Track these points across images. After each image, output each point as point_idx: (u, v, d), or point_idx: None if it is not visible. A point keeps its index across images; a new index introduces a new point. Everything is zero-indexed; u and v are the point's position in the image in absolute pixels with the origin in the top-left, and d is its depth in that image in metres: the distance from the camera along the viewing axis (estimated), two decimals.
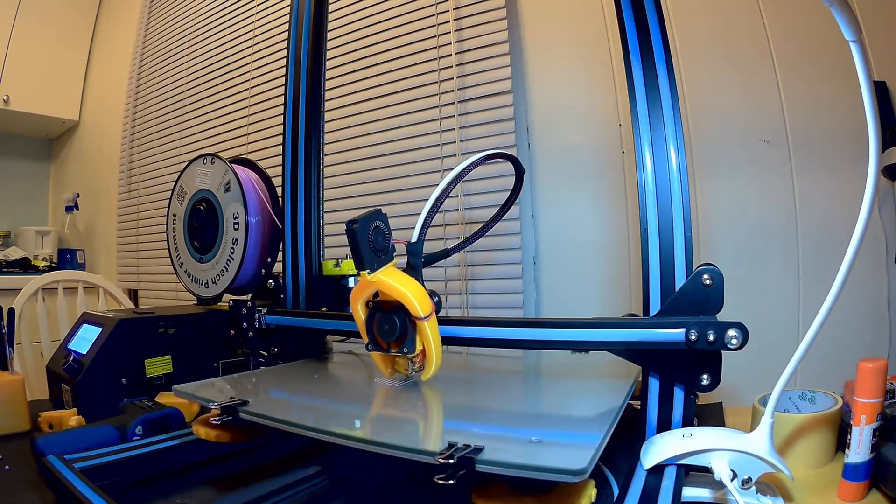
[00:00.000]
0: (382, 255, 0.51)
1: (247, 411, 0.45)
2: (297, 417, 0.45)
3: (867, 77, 0.35)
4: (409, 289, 0.50)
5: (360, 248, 0.49)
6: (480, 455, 0.33)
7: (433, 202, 0.55)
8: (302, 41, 0.78)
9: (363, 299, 0.54)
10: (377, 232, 0.51)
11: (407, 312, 0.50)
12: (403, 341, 0.52)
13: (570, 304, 1.08)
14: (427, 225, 0.54)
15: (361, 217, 0.50)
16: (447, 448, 0.34)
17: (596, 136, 1.06)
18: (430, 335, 0.51)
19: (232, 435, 0.49)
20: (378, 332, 0.53)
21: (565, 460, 0.32)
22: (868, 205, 0.36)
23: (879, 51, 0.80)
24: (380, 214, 0.52)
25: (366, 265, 0.50)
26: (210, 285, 0.86)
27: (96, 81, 2.28)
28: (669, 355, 0.47)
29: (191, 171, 0.88)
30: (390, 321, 0.51)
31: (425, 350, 0.52)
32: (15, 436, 0.65)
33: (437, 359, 0.52)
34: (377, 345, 0.54)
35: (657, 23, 0.51)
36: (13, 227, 2.26)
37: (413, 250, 0.54)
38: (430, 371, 0.53)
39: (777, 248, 0.89)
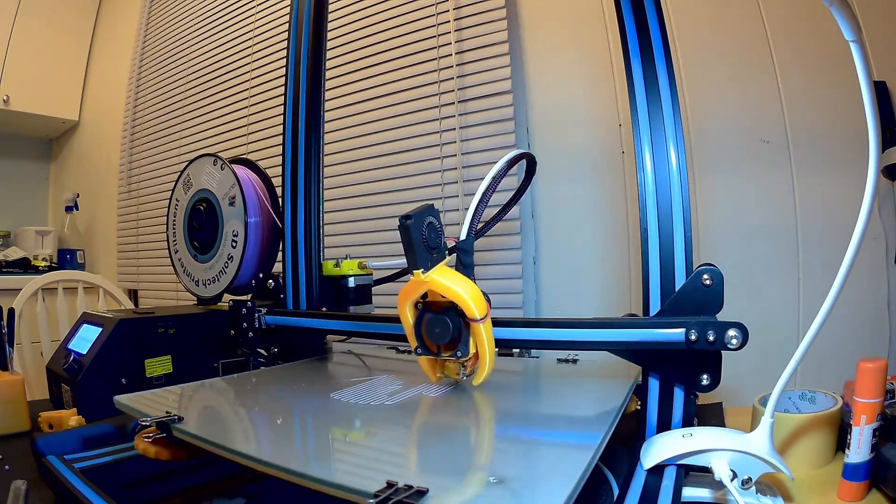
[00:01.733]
0: (435, 253, 0.48)
1: (179, 429, 0.42)
2: (228, 440, 0.40)
3: (867, 77, 0.35)
4: (464, 289, 0.47)
5: (414, 245, 0.46)
6: (421, 500, 0.28)
7: (481, 196, 0.52)
8: (302, 41, 0.78)
9: (412, 300, 0.50)
10: (430, 228, 0.47)
11: (461, 314, 0.48)
12: (457, 345, 0.49)
13: (571, 304, 1.08)
14: (477, 220, 0.52)
15: (415, 212, 0.46)
16: (384, 489, 0.29)
17: (596, 136, 1.06)
18: (485, 338, 0.48)
19: (172, 452, 0.45)
20: (428, 335, 0.50)
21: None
22: (868, 205, 0.36)
23: (879, 51, 0.80)
24: (432, 209, 0.48)
25: (419, 264, 0.46)
26: (210, 285, 0.86)
27: (96, 81, 2.28)
28: (669, 355, 0.47)
29: (199, 165, 0.88)
30: (442, 323, 0.48)
31: (478, 353, 0.49)
32: (15, 436, 0.65)
33: (491, 363, 0.49)
34: (427, 349, 0.50)
35: (657, 23, 0.51)
36: (13, 227, 2.26)
37: (464, 247, 0.51)
38: (482, 375, 0.50)
39: (777, 248, 0.89)
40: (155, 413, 0.44)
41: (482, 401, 0.52)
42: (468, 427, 0.46)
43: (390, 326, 0.63)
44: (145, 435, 0.46)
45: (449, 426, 0.46)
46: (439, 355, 0.50)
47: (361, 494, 0.29)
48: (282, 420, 0.48)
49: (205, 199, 0.86)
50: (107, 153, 2.13)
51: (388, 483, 0.30)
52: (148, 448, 0.45)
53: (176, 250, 0.92)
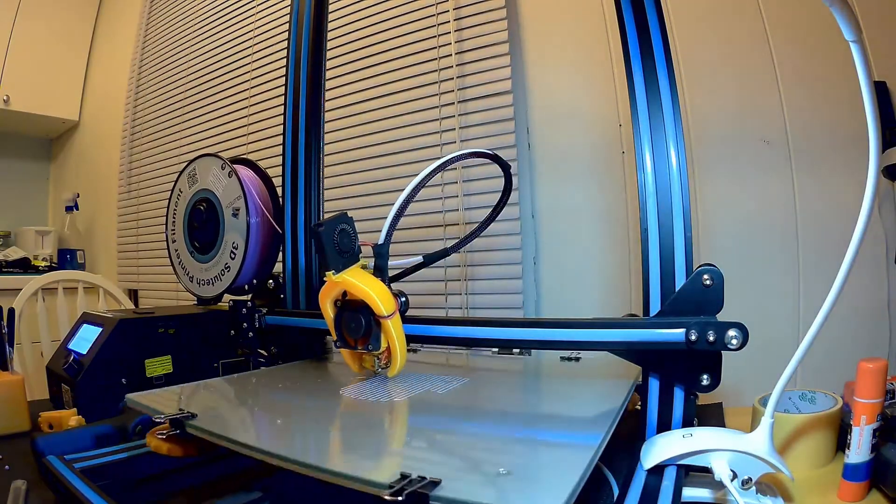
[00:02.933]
0: (348, 256, 0.54)
1: (193, 425, 0.43)
2: (243, 435, 0.41)
3: (867, 77, 0.35)
4: (372, 288, 0.52)
5: (325, 249, 0.53)
6: (435, 490, 0.29)
7: (398, 206, 0.57)
8: (302, 41, 0.78)
9: (331, 299, 0.57)
10: (342, 234, 0.54)
11: (372, 311, 0.53)
12: (369, 339, 0.54)
13: (570, 304, 1.08)
14: (393, 227, 0.57)
15: (327, 220, 0.53)
16: (398, 480, 0.30)
17: (596, 136, 1.06)
18: (393, 333, 0.53)
19: (184, 448, 0.46)
20: (345, 329, 0.55)
21: (536, 500, 0.28)
22: (868, 205, 0.36)
23: (879, 51, 0.80)
24: (345, 218, 0.55)
25: (331, 266, 0.53)
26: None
27: (96, 81, 2.28)
28: (669, 355, 0.47)
29: (206, 165, 0.87)
30: (356, 319, 0.54)
31: (390, 347, 0.54)
32: (15, 436, 0.65)
33: (402, 356, 0.54)
34: (345, 342, 0.56)
35: (657, 23, 0.51)
36: (13, 227, 2.26)
37: (379, 252, 0.56)
38: (395, 367, 0.55)
39: (777, 248, 0.89)
40: (169, 410, 0.45)
41: (482, 401, 0.53)
42: (469, 427, 0.45)
43: None
44: (158, 432, 0.46)
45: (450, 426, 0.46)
46: (356, 348, 0.56)
47: (377, 486, 0.30)
48: (293, 416, 0.50)
49: (205, 199, 0.86)
50: (107, 153, 2.13)
51: (402, 474, 0.31)
52: (160, 445, 0.46)
53: (176, 250, 0.92)
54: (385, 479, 0.30)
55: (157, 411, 0.46)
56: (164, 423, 0.44)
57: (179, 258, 0.91)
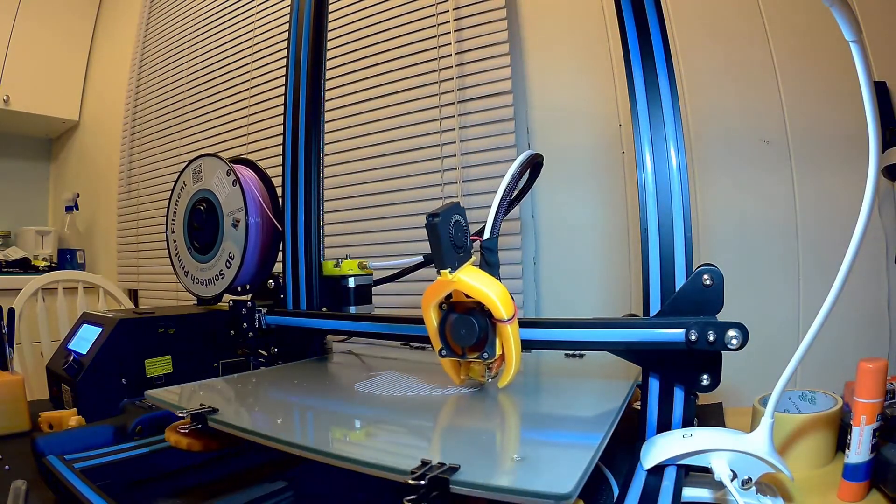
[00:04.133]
0: (462, 252, 0.46)
1: (215, 419, 0.43)
2: (265, 428, 0.42)
3: (867, 77, 0.35)
4: (492, 289, 0.46)
5: (441, 244, 0.44)
6: (455, 475, 0.30)
7: (502, 194, 0.51)
8: (302, 41, 0.78)
9: (437, 301, 0.49)
10: (457, 227, 0.46)
11: (488, 314, 0.47)
12: (483, 346, 0.48)
13: (570, 304, 1.08)
14: (500, 219, 0.51)
15: (443, 209, 0.45)
16: (419, 466, 0.31)
17: (596, 136, 1.06)
18: (511, 339, 0.47)
19: (204, 443, 0.47)
20: (453, 336, 0.48)
21: (550, 483, 0.29)
22: (868, 205, 0.36)
23: (879, 51, 0.80)
24: (458, 208, 0.47)
25: (447, 264, 0.45)
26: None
27: (96, 81, 2.28)
28: (669, 355, 0.47)
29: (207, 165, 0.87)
30: (468, 325, 0.47)
31: (504, 354, 0.48)
32: (15, 436, 0.65)
33: (517, 364, 0.48)
34: (452, 350, 0.49)
35: (657, 23, 0.51)
36: (13, 227, 2.26)
37: (489, 247, 0.50)
38: (508, 377, 0.49)
39: (777, 248, 0.89)
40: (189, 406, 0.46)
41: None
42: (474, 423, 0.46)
43: (390, 326, 0.63)
44: (181, 427, 0.46)
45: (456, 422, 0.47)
46: (464, 357, 0.49)
47: (400, 473, 0.31)
48: (312, 410, 0.51)
49: (205, 200, 0.86)
50: (107, 153, 2.13)
51: (422, 461, 0.32)
52: (180, 440, 0.46)
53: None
54: (407, 466, 0.31)
55: (178, 406, 0.47)
56: (185, 417, 0.44)
57: (179, 258, 0.91)
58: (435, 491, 0.30)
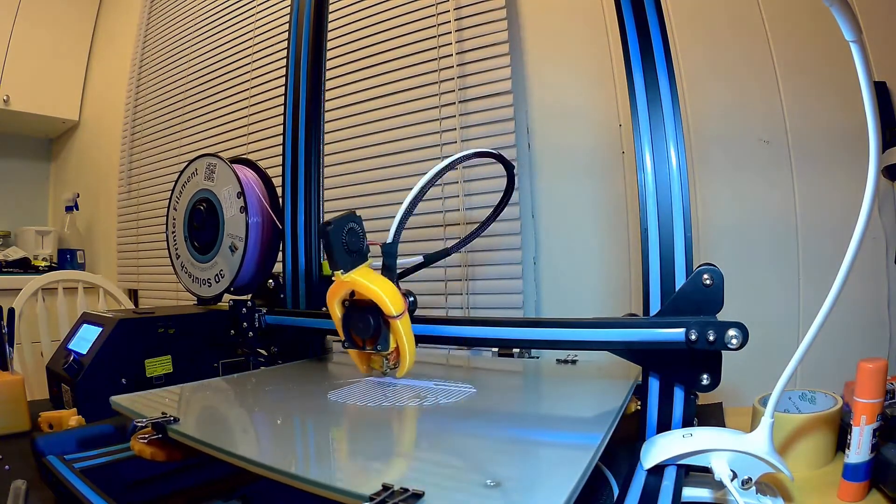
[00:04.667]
0: (356, 255, 0.53)
1: (175, 430, 0.42)
2: (223, 441, 0.40)
3: (867, 77, 0.35)
4: (381, 288, 0.51)
5: (332, 249, 0.51)
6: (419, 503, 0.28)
7: (407, 205, 0.56)
8: (302, 41, 0.78)
9: (339, 299, 0.55)
10: (351, 233, 0.53)
11: (380, 311, 0.52)
12: (378, 339, 0.53)
13: (570, 304, 1.08)
14: (402, 227, 0.56)
15: (335, 219, 0.52)
16: (379, 492, 0.29)
17: (596, 137, 1.06)
18: (402, 333, 0.52)
19: (167, 452, 0.45)
20: (353, 330, 0.55)
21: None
22: (868, 205, 0.36)
23: (879, 51, 0.80)
24: (354, 217, 0.54)
25: (339, 265, 0.52)
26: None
27: (96, 81, 2.28)
28: (669, 355, 0.47)
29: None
30: (364, 320, 0.53)
31: (399, 348, 0.53)
32: (15, 436, 0.65)
33: (411, 356, 0.54)
34: (353, 342, 0.55)
35: (657, 23, 0.51)
36: (13, 227, 2.26)
37: (388, 251, 0.56)
38: (404, 368, 0.54)
39: (777, 248, 0.89)
40: (152, 413, 0.44)
41: (483, 401, 0.52)
42: (467, 428, 0.45)
43: None
44: (141, 436, 0.46)
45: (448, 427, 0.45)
46: (364, 349, 0.55)
47: (357, 497, 0.29)
48: (278, 421, 0.48)
49: (205, 199, 0.86)
50: (107, 153, 2.13)
51: (383, 486, 0.29)
52: (144, 449, 0.45)
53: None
54: (367, 489, 0.29)
55: (139, 414, 0.45)
56: (146, 426, 0.43)
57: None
58: None
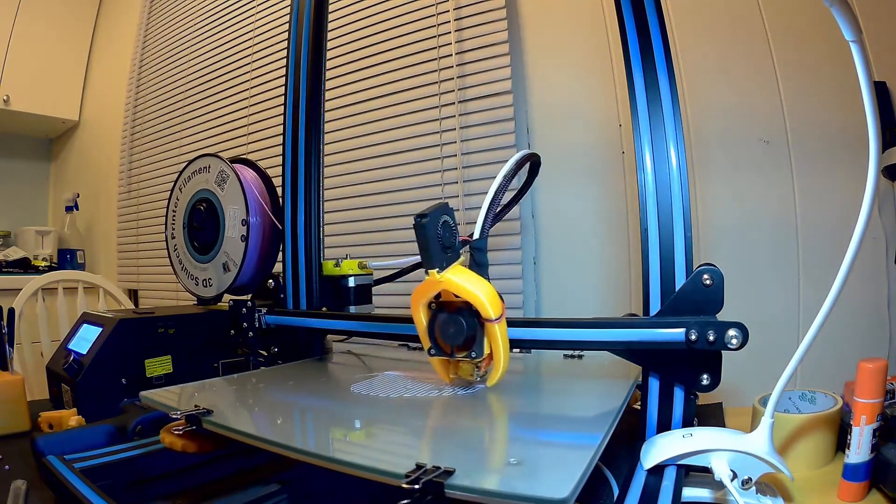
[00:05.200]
0: (450, 252, 0.47)
1: (210, 421, 0.43)
2: (260, 430, 0.42)
3: (867, 77, 0.35)
4: (480, 289, 0.46)
5: (429, 244, 0.45)
6: (450, 479, 0.30)
7: (493, 194, 0.51)
8: (302, 41, 0.78)
9: (426, 300, 0.50)
10: (445, 227, 0.47)
11: (476, 314, 0.47)
12: (471, 345, 0.48)
13: (570, 304, 1.08)
14: (489, 219, 0.51)
15: (430, 210, 0.46)
16: (414, 470, 0.31)
17: (596, 136, 1.06)
18: (500, 338, 0.47)
19: (199, 444, 0.46)
20: (442, 335, 0.49)
21: (546, 488, 0.29)
22: (868, 205, 0.36)
23: (879, 51, 0.80)
24: (447, 208, 0.47)
25: (435, 263, 0.46)
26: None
27: (96, 81, 2.28)
28: (669, 355, 0.47)
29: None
30: (457, 324, 0.48)
31: (493, 354, 0.48)
32: (15, 436, 0.65)
33: (505, 363, 0.48)
34: (440, 349, 0.50)
35: (657, 23, 0.51)
36: (13, 227, 2.26)
37: (478, 246, 0.51)
38: (496, 376, 0.49)
39: (777, 248, 0.89)
40: (182, 407, 0.46)
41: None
42: (471, 425, 0.46)
43: (390, 326, 0.63)
44: (175, 428, 0.46)
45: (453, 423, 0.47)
46: (453, 356, 0.50)
47: (394, 476, 0.31)
48: (307, 411, 0.51)
49: (205, 199, 0.86)
50: (107, 153, 2.13)
51: (417, 465, 0.31)
52: (175, 441, 0.46)
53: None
54: (401, 469, 0.31)
55: (172, 408, 0.46)
56: (179, 419, 0.44)
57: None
58: (430, 495, 0.29)
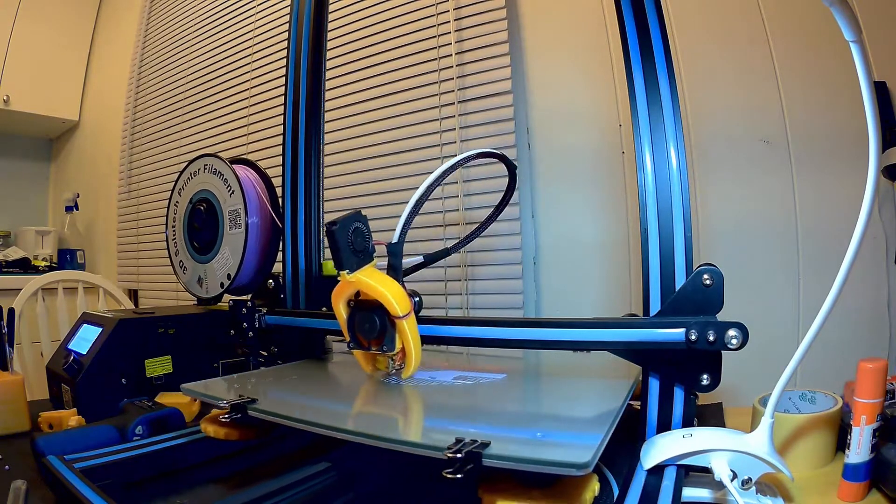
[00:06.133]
0: (362, 255, 0.53)
1: (256, 409, 0.46)
2: (307, 415, 0.45)
3: (867, 77, 0.35)
4: (387, 288, 0.51)
5: (339, 248, 0.51)
6: (487, 450, 0.34)
7: (413, 204, 0.55)
8: (302, 41, 0.78)
9: (344, 299, 0.55)
10: (357, 233, 0.52)
11: (386, 311, 0.52)
12: (383, 340, 0.53)
13: (570, 304, 1.08)
14: (407, 226, 0.56)
15: (341, 219, 0.51)
16: (455, 443, 0.34)
17: (596, 137, 1.06)
18: (408, 334, 0.52)
19: (240, 433, 0.50)
20: (359, 330, 0.54)
21: (570, 455, 0.33)
22: (868, 205, 0.36)
23: (879, 51, 0.80)
24: (360, 216, 0.53)
25: (345, 265, 0.51)
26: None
27: (96, 81, 2.28)
28: (669, 355, 0.47)
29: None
30: (370, 320, 0.53)
31: (405, 348, 0.53)
32: (15, 436, 0.65)
33: (417, 357, 0.53)
34: (358, 343, 0.55)
35: (657, 23, 0.51)
36: (13, 227, 2.26)
37: (393, 251, 0.55)
38: (410, 369, 0.54)
39: (777, 248, 0.89)
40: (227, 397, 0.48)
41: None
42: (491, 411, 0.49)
43: None
44: (221, 417, 0.48)
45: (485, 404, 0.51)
46: (370, 349, 0.54)
47: (437, 450, 0.34)
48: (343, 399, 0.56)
49: (205, 200, 0.86)
50: (107, 153, 2.13)
51: (456, 439, 0.35)
52: (219, 430, 0.49)
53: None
54: (442, 444, 0.34)
55: (216, 397, 0.49)
56: (225, 407, 0.46)
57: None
58: (470, 464, 0.33)
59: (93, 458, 0.49)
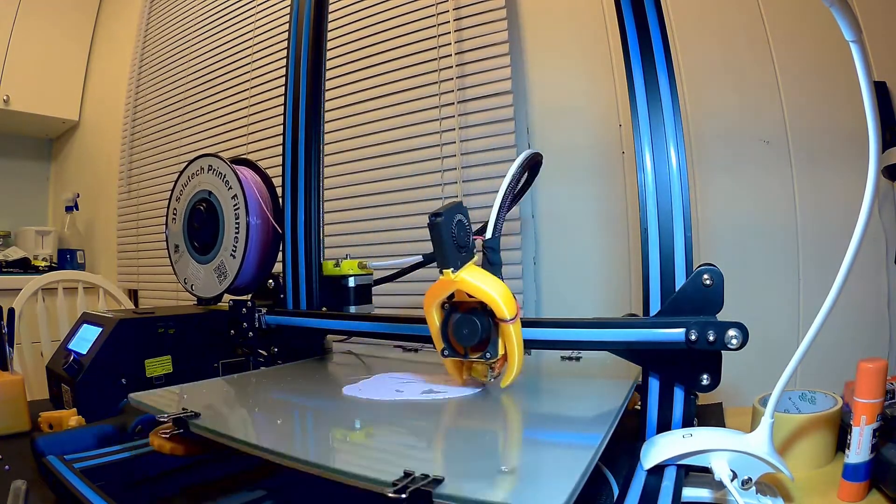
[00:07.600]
0: (464, 251, 0.46)
1: (197, 424, 0.43)
2: (246, 434, 0.42)
3: (867, 77, 0.35)
4: (495, 289, 0.45)
5: (444, 244, 0.44)
6: (438, 488, 0.29)
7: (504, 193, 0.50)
8: (302, 41, 0.78)
9: (439, 301, 0.49)
10: (459, 226, 0.46)
11: (490, 314, 0.46)
12: (486, 345, 0.47)
13: (570, 304, 1.08)
14: (502, 218, 0.50)
15: (445, 209, 0.45)
16: (402, 478, 0.30)
17: (596, 137, 1.06)
18: (514, 339, 0.46)
19: (186, 447, 0.46)
20: (455, 336, 0.48)
21: (537, 498, 0.28)
22: (868, 205, 0.36)
23: (879, 51, 0.80)
24: (461, 207, 0.47)
25: (450, 263, 0.45)
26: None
27: (96, 81, 2.28)
28: (669, 355, 0.47)
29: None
30: (471, 324, 0.47)
31: (507, 354, 0.48)
32: (15, 436, 0.65)
33: (520, 364, 0.48)
34: (454, 350, 0.49)
35: (657, 23, 0.51)
36: (13, 227, 2.26)
37: (491, 246, 0.49)
38: (510, 377, 0.48)
39: (777, 247, 0.89)
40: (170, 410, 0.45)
41: (482, 400, 0.52)
42: (469, 426, 0.46)
43: (390, 326, 0.63)
44: (162, 431, 0.46)
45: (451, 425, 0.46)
46: (467, 357, 0.49)
47: (381, 483, 0.30)
48: (296, 415, 0.50)
49: (205, 200, 0.86)
50: (107, 153, 2.13)
51: (405, 472, 0.31)
52: (164, 444, 0.46)
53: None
54: (388, 476, 0.30)
55: (160, 410, 0.46)
56: (167, 422, 0.43)
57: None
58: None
59: (93, 458, 0.49)
